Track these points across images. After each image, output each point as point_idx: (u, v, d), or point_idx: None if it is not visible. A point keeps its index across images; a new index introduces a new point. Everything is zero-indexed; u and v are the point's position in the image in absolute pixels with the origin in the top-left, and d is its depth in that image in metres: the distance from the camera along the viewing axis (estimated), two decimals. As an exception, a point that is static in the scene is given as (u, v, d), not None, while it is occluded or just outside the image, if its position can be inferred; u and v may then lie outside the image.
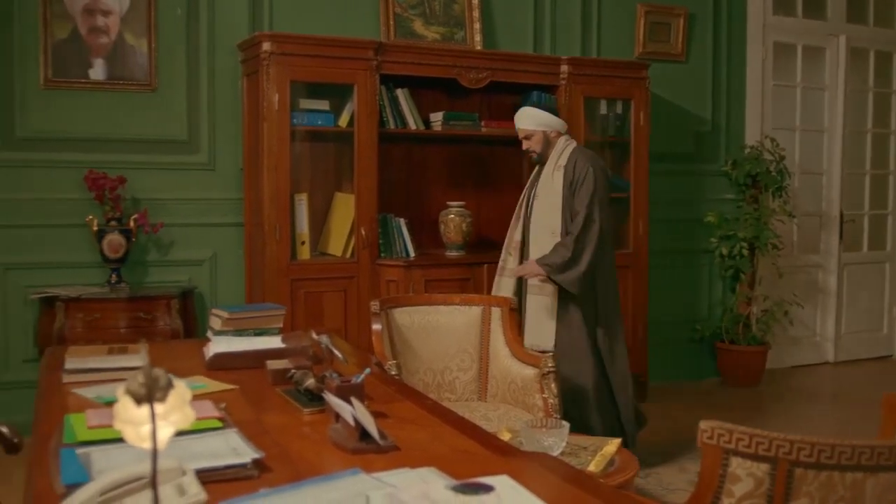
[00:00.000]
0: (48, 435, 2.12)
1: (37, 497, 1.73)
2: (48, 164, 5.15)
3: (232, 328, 3.14)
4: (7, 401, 5.04)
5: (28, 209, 5.11)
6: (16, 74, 5.09)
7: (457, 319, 4.05)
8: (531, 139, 4.55)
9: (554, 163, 4.50)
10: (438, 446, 2.09)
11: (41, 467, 1.90)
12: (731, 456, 1.72)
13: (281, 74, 4.95)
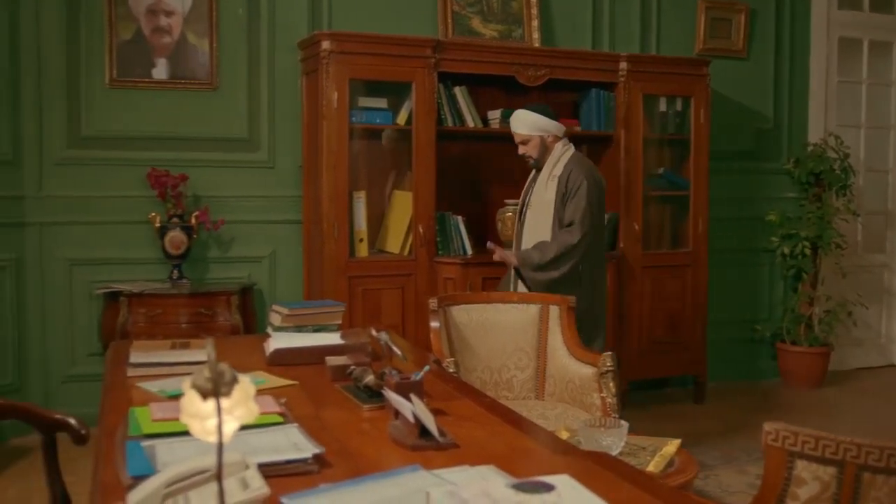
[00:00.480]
0: (114, 427, 2.16)
1: (104, 487, 1.76)
2: (113, 162, 5.25)
3: (292, 324, 3.17)
4: (73, 393, 5.16)
5: (93, 206, 5.22)
6: (82, 75, 5.20)
7: (514, 317, 4.04)
8: (527, 144, 4.44)
9: (549, 171, 4.39)
10: (497, 444, 2.09)
11: (108, 459, 1.93)
12: (797, 459, 1.69)
13: (340, 73, 4.99)
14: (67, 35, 5.17)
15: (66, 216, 5.20)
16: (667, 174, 6.07)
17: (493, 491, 1.50)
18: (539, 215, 4.38)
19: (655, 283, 5.85)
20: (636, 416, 4.70)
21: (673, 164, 6.10)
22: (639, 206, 5.77)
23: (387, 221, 5.38)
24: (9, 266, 5.09)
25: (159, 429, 2.07)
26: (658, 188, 6.00)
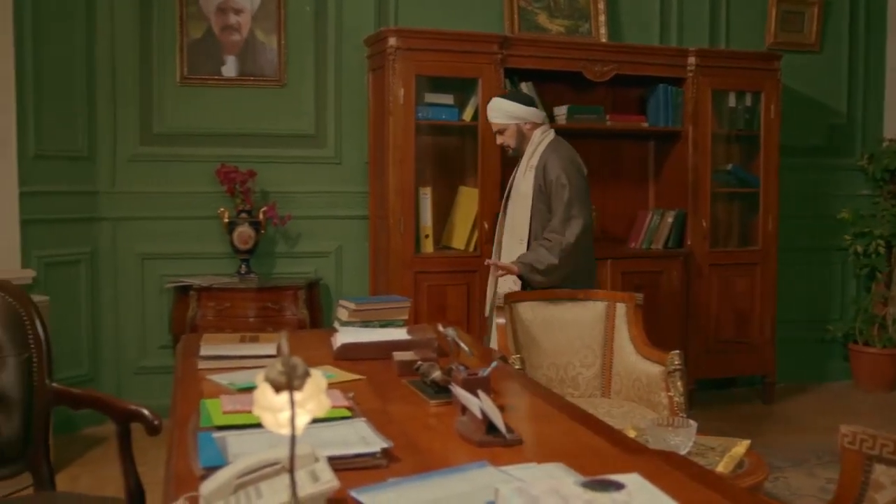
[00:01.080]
0: (186, 418, 2.20)
1: (177, 477, 1.79)
2: (183, 159, 5.34)
3: (358, 319, 3.19)
4: (144, 384, 5.26)
5: (164, 202, 5.32)
6: (154, 73, 5.31)
7: (580, 314, 4.01)
8: (504, 133, 4.30)
9: (527, 161, 4.26)
10: (565, 442, 2.08)
11: (180, 449, 1.96)
12: (875, 462, 1.65)
13: (406, 69, 5.00)
14: (140, 34, 5.28)
15: (138, 211, 5.31)
16: (735, 170, 5.97)
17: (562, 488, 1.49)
18: (517, 207, 4.25)
19: (723, 281, 5.76)
20: (703, 415, 4.64)
21: (742, 160, 6.00)
22: (706, 203, 5.69)
23: (452, 217, 5.38)
24: (84, 260, 5.22)
25: (230, 420, 2.10)
26: (726, 185, 5.91)
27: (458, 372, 2.29)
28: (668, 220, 5.65)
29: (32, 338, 2.70)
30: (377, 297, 3.64)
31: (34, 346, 2.70)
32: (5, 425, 2.63)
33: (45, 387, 2.69)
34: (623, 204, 5.91)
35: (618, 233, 5.90)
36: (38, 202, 4.89)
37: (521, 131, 4.28)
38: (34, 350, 2.70)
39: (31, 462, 2.67)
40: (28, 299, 2.74)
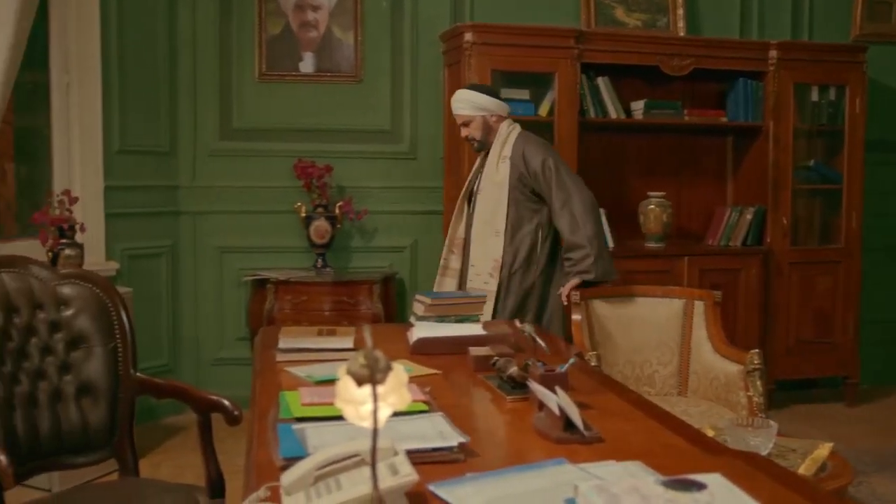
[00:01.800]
0: (265, 410, 2.23)
1: (258, 467, 1.82)
2: (261, 154, 5.42)
3: (434, 314, 3.19)
4: (221, 375, 5.36)
5: (242, 196, 5.41)
6: (234, 69, 5.39)
7: (658, 312, 3.96)
8: (470, 126, 4.16)
9: (498, 153, 4.12)
10: (644, 440, 2.05)
11: (260, 440, 1.99)
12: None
13: (482, 64, 4.99)
14: (220, 31, 5.37)
15: (217, 205, 5.41)
16: (818, 166, 5.83)
17: (642, 487, 1.48)
18: (490, 199, 4.10)
19: (804, 279, 5.63)
20: (782, 416, 4.56)
21: (825, 155, 5.86)
22: (787, 200, 5.57)
23: (527, 213, 5.35)
24: (165, 253, 5.33)
25: (309, 412, 2.12)
26: (808, 181, 5.78)
27: (535, 368, 2.28)
28: (747, 217, 5.55)
29: (118, 328, 2.77)
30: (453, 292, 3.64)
31: (120, 336, 2.77)
32: (92, 413, 2.70)
33: (130, 376, 2.75)
34: (700, 200, 5.83)
35: (695, 230, 5.82)
36: (121, 196, 5.01)
37: (488, 124, 4.15)
38: (120, 340, 2.76)
39: (116, 449, 2.74)
40: (114, 290, 2.81)
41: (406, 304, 5.49)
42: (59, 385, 2.68)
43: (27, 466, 2.56)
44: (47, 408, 2.64)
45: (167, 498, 2.53)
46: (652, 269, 5.13)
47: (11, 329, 2.62)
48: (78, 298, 2.75)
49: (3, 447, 2.12)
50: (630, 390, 2.59)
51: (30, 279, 2.71)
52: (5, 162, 4.87)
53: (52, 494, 3.05)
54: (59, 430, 2.65)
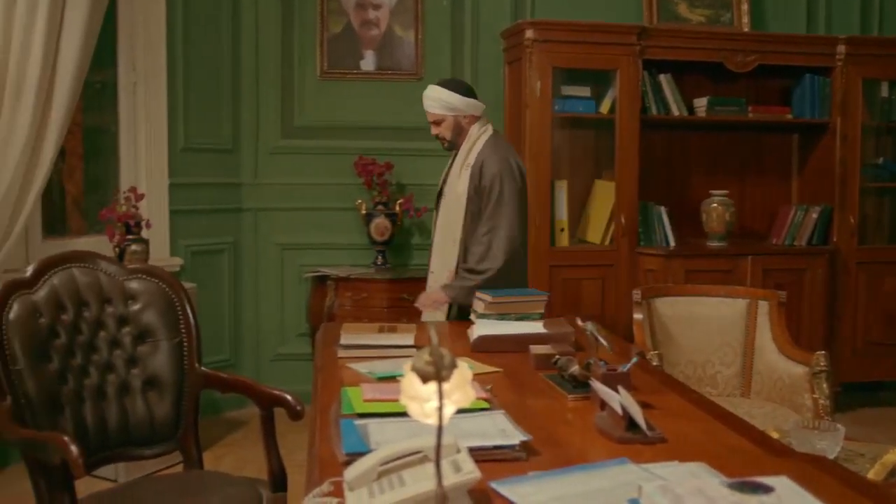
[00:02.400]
0: (327, 405, 2.25)
1: (321, 462, 1.83)
2: (322, 151, 5.47)
3: (494, 312, 3.19)
4: (283, 371, 5.41)
5: (303, 193, 5.46)
6: (296, 68, 5.45)
7: (721, 311, 3.91)
8: (440, 125, 3.87)
9: (463, 158, 3.84)
10: (708, 441, 2.03)
11: (323, 435, 2.01)
12: None
13: (543, 61, 4.98)
14: (282, 30, 5.43)
15: (278, 202, 5.47)
16: (887, 164, 5.70)
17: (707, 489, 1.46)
18: (452, 208, 3.85)
19: (872, 279, 5.51)
20: (848, 420, 4.46)
21: (894, 153, 5.72)
22: (855, 198, 5.45)
23: (588, 211, 5.33)
24: (227, 249, 5.40)
25: (370, 409, 2.13)
26: (877, 179, 5.65)
27: (597, 367, 2.27)
28: (813, 216, 5.45)
29: (184, 323, 2.81)
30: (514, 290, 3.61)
31: (185, 330, 2.81)
32: (158, 406, 2.75)
33: (195, 370, 2.80)
34: (764, 199, 5.74)
35: (758, 228, 5.73)
36: (185, 193, 5.09)
37: (459, 124, 3.86)
38: (185, 335, 2.81)
39: (181, 442, 2.78)
40: (180, 286, 2.86)
41: (465, 302, 5.49)
42: (126, 378, 2.74)
43: (96, 457, 2.61)
44: (115, 400, 2.69)
45: (231, 490, 2.56)
46: (714, 269, 5.06)
47: (81, 323, 2.67)
48: (145, 293, 2.81)
49: (74, 438, 2.17)
50: (693, 390, 2.56)
51: (99, 274, 2.77)
52: (74, 160, 4.98)
53: (118, 485, 3.11)
54: (126, 422, 2.70)
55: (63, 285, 2.66)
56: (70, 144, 4.77)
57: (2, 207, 4.01)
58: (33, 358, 2.48)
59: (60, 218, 4.90)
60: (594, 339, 2.51)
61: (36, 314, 2.54)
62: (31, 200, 4.16)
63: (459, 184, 3.81)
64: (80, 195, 5.04)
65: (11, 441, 2.33)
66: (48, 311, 2.58)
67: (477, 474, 1.53)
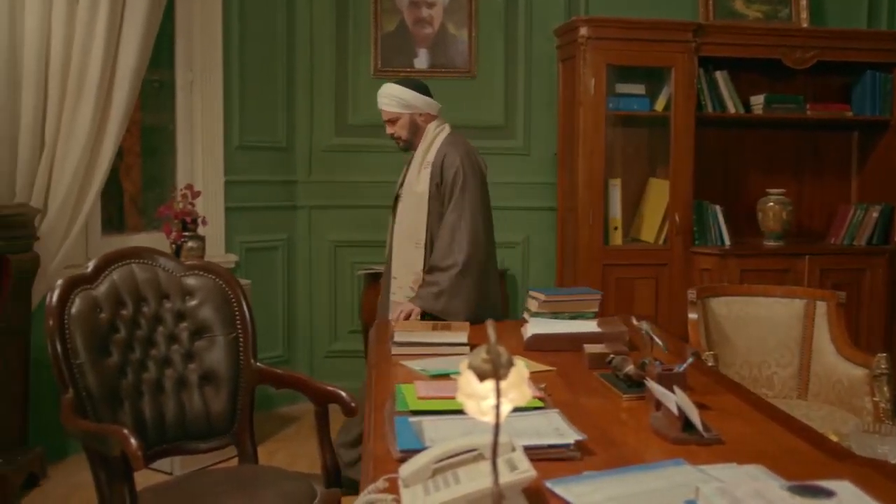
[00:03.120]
0: (382, 402, 2.26)
1: (376, 459, 1.84)
2: (375, 149, 5.48)
3: (548, 310, 3.19)
4: (335, 368, 5.45)
5: (357, 191, 5.49)
6: (349, 66, 5.48)
7: (777, 312, 3.86)
8: (396, 124, 3.82)
9: (422, 157, 3.78)
10: (765, 443, 2.00)
11: (377, 432, 2.02)
12: None
13: (597, 59, 4.95)
14: (336, 29, 5.46)
15: (331, 200, 5.50)
16: (951, 162, 5.57)
17: (767, 492, 1.44)
18: (411, 208, 3.76)
19: (934, 280, 5.39)
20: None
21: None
22: (917, 197, 5.34)
23: (642, 209, 5.29)
24: (281, 246, 5.45)
25: (424, 406, 2.14)
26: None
27: (652, 366, 2.25)
28: (873, 216, 5.34)
29: (239, 319, 2.85)
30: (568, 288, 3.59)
31: (241, 326, 2.84)
32: (214, 401, 2.78)
33: (250, 366, 2.83)
34: (822, 198, 5.64)
35: (816, 228, 5.64)
36: (240, 190, 5.15)
37: (415, 123, 3.83)
38: (241, 330, 2.84)
39: (236, 436, 2.82)
40: (236, 282, 2.90)
41: (518, 301, 5.49)
42: (183, 373, 2.78)
43: (153, 450, 2.66)
44: (172, 395, 2.73)
45: (286, 485, 2.59)
46: (770, 268, 4.99)
47: (140, 318, 2.72)
48: (202, 289, 2.84)
49: (133, 431, 2.21)
50: (750, 391, 2.53)
51: (157, 270, 2.81)
52: (132, 158, 5.06)
53: (175, 477, 3.16)
54: (183, 416, 2.74)
55: (123, 281, 2.70)
56: (128, 143, 4.85)
57: (63, 204, 4.10)
58: (94, 352, 2.52)
59: (118, 215, 4.99)
60: (649, 339, 2.49)
61: (97, 309, 2.59)
62: (91, 197, 4.25)
63: (419, 184, 3.74)
64: (137, 193, 5.12)
65: (73, 433, 2.37)
66: (108, 307, 2.63)
67: (532, 473, 1.53)
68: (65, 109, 4.05)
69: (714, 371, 2.94)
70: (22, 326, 3.95)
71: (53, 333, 2.45)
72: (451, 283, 3.56)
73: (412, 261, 3.75)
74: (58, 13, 3.97)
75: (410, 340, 2.89)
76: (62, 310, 2.50)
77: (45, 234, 4.07)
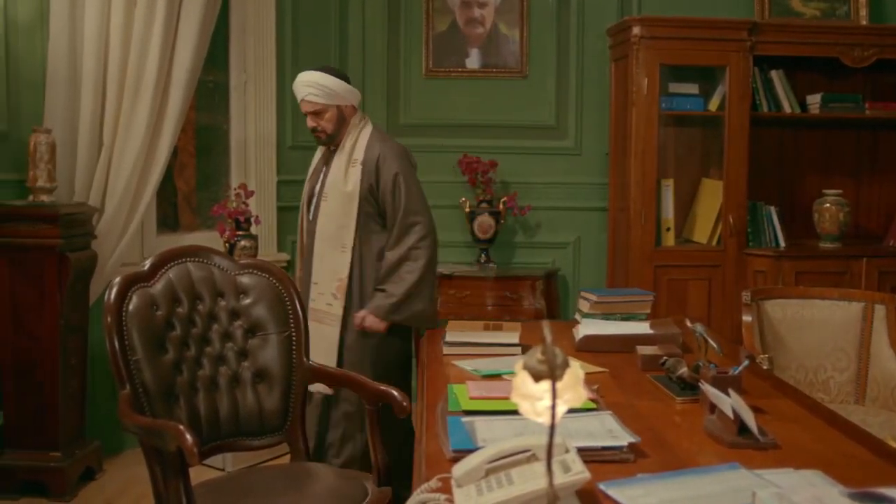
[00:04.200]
0: (434, 402, 2.26)
1: (429, 458, 1.85)
2: (427, 149, 5.47)
3: (600, 311, 3.17)
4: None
5: (408, 191, 5.50)
6: (402, 66, 5.49)
7: (834, 315, 3.79)
8: (322, 116, 3.51)
9: (348, 154, 3.50)
10: (823, 448, 1.97)
11: (430, 431, 2.02)
12: None
13: (650, 58, 4.90)
14: (389, 29, 5.48)
15: (383, 200, 5.52)
16: None
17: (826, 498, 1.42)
18: (337, 210, 3.49)
19: None
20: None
21: None
22: (980, 199, 5.22)
23: (694, 210, 5.23)
24: (333, 245, 5.48)
25: (476, 406, 2.14)
26: None
27: (707, 369, 2.23)
28: (933, 217, 5.24)
29: (293, 317, 2.87)
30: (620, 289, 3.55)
31: (294, 324, 2.87)
32: (267, 398, 2.81)
33: (303, 364, 2.85)
34: (880, 198, 5.53)
35: (874, 230, 5.53)
36: (292, 190, 5.17)
37: (343, 115, 3.53)
38: (293, 329, 2.86)
39: (288, 434, 2.84)
40: (289, 281, 2.92)
41: (569, 301, 5.47)
42: (237, 370, 2.80)
43: (207, 446, 2.69)
44: (226, 392, 2.76)
45: (337, 483, 2.60)
46: (827, 271, 4.90)
47: (195, 315, 2.75)
48: (256, 288, 2.87)
49: (189, 426, 2.24)
50: (807, 396, 2.49)
51: (212, 269, 2.85)
52: (186, 157, 5.13)
53: (228, 473, 3.19)
54: (236, 413, 2.77)
55: (179, 279, 2.74)
56: (182, 142, 4.91)
57: (120, 203, 4.17)
58: (150, 349, 2.56)
59: (173, 214, 5.06)
60: (703, 341, 2.46)
61: (153, 307, 2.63)
62: (147, 196, 4.31)
63: (347, 183, 3.47)
64: (191, 192, 5.19)
65: (130, 428, 2.41)
66: (165, 304, 2.66)
67: (586, 475, 1.52)
68: (122, 110, 4.12)
69: (770, 374, 2.90)
70: (80, 323, 4.02)
71: (111, 330, 2.49)
72: (407, 293, 3.41)
73: (336, 266, 3.51)
74: (116, 17, 4.05)
75: (462, 340, 2.89)
76: (120, 307, 2.54)
77: (103, 233, 4.15)
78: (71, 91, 4.04)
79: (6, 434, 3.87)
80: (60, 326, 3.83)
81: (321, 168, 3.64)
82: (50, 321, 3.82)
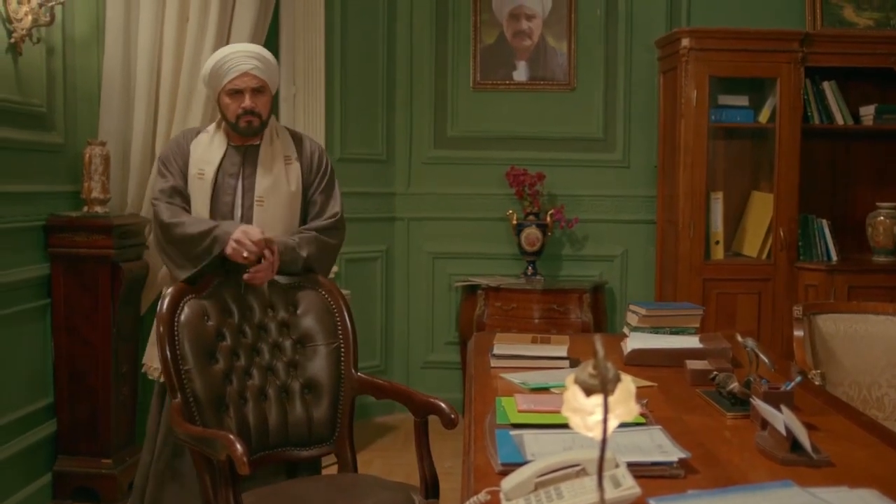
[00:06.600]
0: (482, 415, 2.26)
1: (477, 471, 1.84)
2: (474, 162, 5.52)
3: (648, 325, 3.14)
4: (432, 379, 5.48)
5: (455, 203, 5.53)
6: (449, 79, 5.52)
7: (888, 330, 3.72)
8: (262, 98, 3.05)
9: (279, 151, 3.13)
10: (879, 467, 1.93)
11: (478, 444, 2.02)
12: None
13: (699, 70, 4.87)
14: (436, 42, 5.52)
15: (430, 212, 5.55)
16: None
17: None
18: (283, 213, 3.11)
19: None
20: None
21: None
22: None
23: (744, 223, 5.18)
24: (380, 257, 5.52)
25: (525, 419, 2.13)
26: None
27: (758, 384, 2.20)
28: None
29: (341, 329, 2.89)
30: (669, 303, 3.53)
31: (342, 336, 2.89)
32: (316, 409, 2.83)
33: (351, 375, 2.87)
34: (937, 212, 5.43)
35: (929, 243, 5.43)
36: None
37: (272, 102, 3.16)
38: (342, 340, 2.89)
39: (336, 444, 2.86)
40: (338, 292, 2.94)
41: (616, 314, 5.43)
42: (286, 381, 2.83)
43: (256, 456, 2.71)
44: (276, 402, 2.79)
45: (385, 494, 2.61)
46: (881, 285, 4.82)
47: (245, 326, 2.79)
48: (305, 300, 2.90)
49: (239, 436, 2.26)
50: (862, 413, 2.45)
51: (262, 280, 2.87)
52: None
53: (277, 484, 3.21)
54: (285, 423, 2.79)
55: (229, 290, 2.77)
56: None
57: (172, 214, 4.22)
58: (201, 359, 2.59)
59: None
60: (754, 356, 2.43)
61: (204, 317, 2.66)
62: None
63: (291, 183, 3.12)
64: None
65: (181, 437, 2.44)
66: (215, 315, 2.70)
67: (637, 490, 1.51)
68: (174, 123, 4.18)
69: (822, 390, 2.85)
70: (131, 332, 4.08)
71: (163, 340, 2.53)
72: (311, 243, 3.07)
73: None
74: (169, 31, 4.11)
75: (510, 353, 2.89)
76: (172, 317, 2.58)
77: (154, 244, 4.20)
78: (124, 104, 4.11)
79: (59, 440, 3.94)
80: (113, 335, 3.89)
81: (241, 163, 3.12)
82: (103, 329, 3.88)
